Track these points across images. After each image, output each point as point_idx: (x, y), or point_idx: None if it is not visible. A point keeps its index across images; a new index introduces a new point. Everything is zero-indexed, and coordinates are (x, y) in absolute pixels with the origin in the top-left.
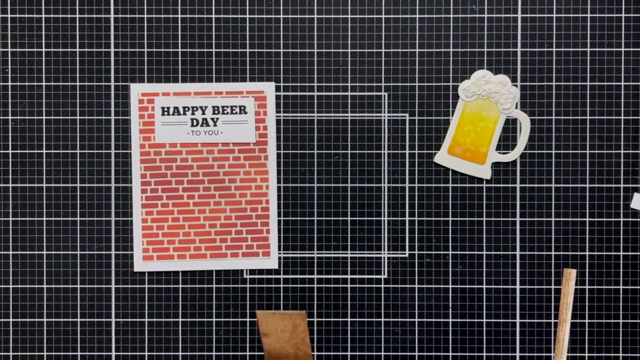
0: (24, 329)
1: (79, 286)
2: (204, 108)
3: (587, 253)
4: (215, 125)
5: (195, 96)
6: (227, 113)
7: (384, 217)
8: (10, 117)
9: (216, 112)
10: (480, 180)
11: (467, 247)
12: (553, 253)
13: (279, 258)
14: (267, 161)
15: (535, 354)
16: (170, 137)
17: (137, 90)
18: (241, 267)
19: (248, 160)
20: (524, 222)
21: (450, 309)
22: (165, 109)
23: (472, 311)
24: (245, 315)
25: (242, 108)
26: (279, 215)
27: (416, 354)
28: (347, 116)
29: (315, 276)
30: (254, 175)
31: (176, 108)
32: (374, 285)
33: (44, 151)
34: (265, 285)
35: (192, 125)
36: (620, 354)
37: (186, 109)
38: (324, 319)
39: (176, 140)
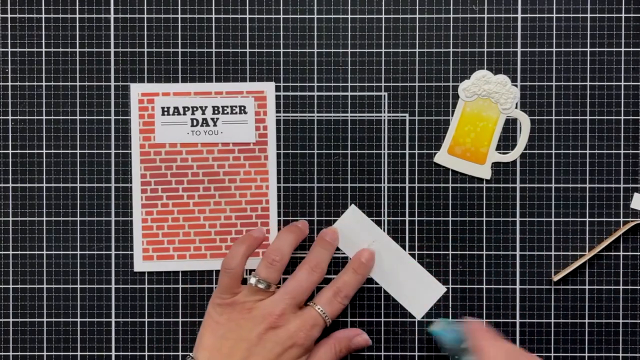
0: (24, 329)
1: (79, 286)
2: (204, 108)
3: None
4: (215, 125)
5: (195, 96)
6: (227, 113)
7: (384, 217)
8: (10, 117)
9: (216, 112)
10: (480, 180)
11: (467, 247)
12: (553, 253)
13: None
14: (267, 161)
15: (535, 354)
16: (170, 137)
17: (137, 90)
18: None
19: (248, 160)
20: (524, 222)
21: (450, 309)
22: (165, 109)
23: (472, 311)
24: None
25: (242, 108)
26: (279, 215)
27: (416, 354)
28: (347, 116)
29: None
30: (254, 175)
31: (176, 108)
32: (374, 285)
33: (44, 151)
34: None
35: (192, 125)
36: (620, 354)
37: (186, 109)
38: None
39: (176, 140)
